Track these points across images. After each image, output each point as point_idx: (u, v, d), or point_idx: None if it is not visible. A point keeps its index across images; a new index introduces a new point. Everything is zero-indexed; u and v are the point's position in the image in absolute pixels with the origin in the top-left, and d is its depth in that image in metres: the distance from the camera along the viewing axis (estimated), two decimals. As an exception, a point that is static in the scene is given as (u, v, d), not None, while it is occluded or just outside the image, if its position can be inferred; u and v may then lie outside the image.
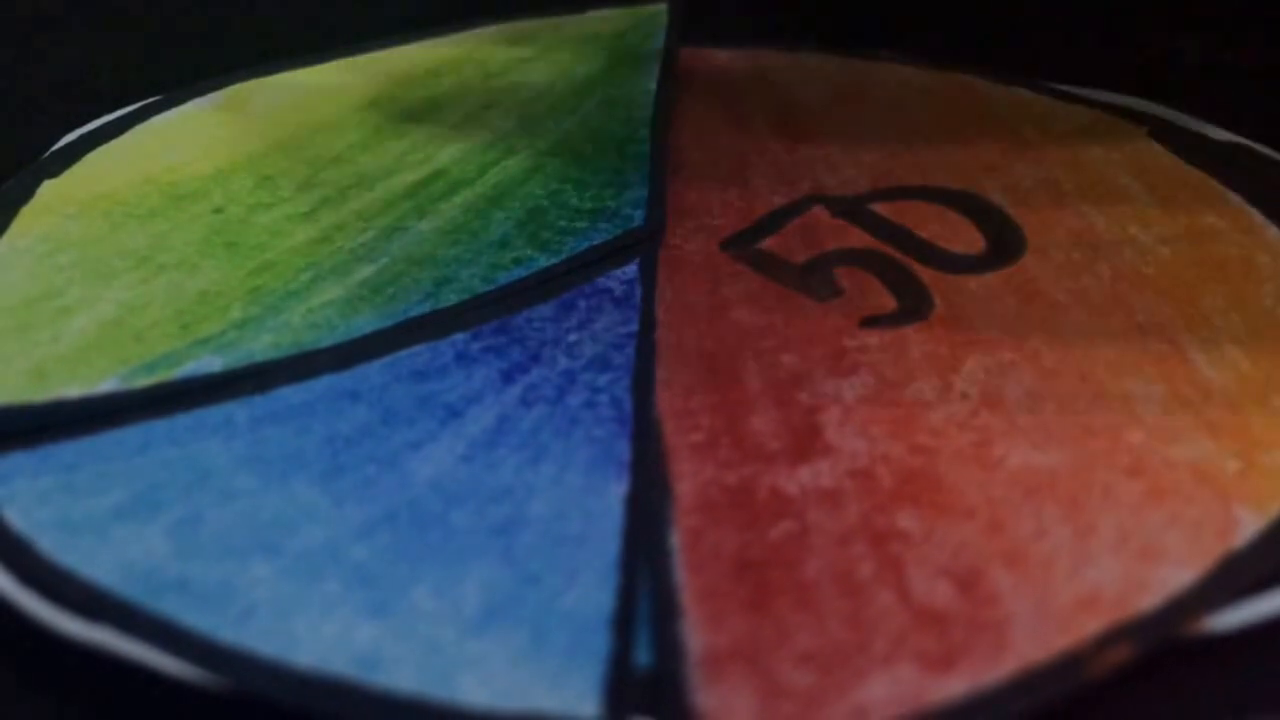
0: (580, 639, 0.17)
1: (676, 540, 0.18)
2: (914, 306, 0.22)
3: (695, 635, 0.17)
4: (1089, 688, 0.16)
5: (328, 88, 0.27)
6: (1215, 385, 0.20)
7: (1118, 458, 0.19)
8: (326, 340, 0.21)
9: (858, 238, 0.23)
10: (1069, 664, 0.17)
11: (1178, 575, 0.18)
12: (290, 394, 0.20)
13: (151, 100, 0.27)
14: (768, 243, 0.23)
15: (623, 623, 0.17)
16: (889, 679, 0.16)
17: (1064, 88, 0.27)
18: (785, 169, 0.25)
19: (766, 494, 0.19)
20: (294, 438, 0.20)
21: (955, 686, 0.16)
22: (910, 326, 0.22)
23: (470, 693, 0.17)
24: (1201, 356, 0.21)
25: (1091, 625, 0.17)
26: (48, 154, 0.26)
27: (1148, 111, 0.26)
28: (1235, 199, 0.24)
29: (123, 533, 0.18)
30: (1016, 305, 0.22)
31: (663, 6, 0.30)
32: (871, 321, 0.22)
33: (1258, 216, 0.23)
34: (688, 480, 0.19)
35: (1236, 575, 0.18)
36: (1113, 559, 0.18)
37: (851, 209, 0.24)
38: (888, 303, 0.22)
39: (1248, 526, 0.18)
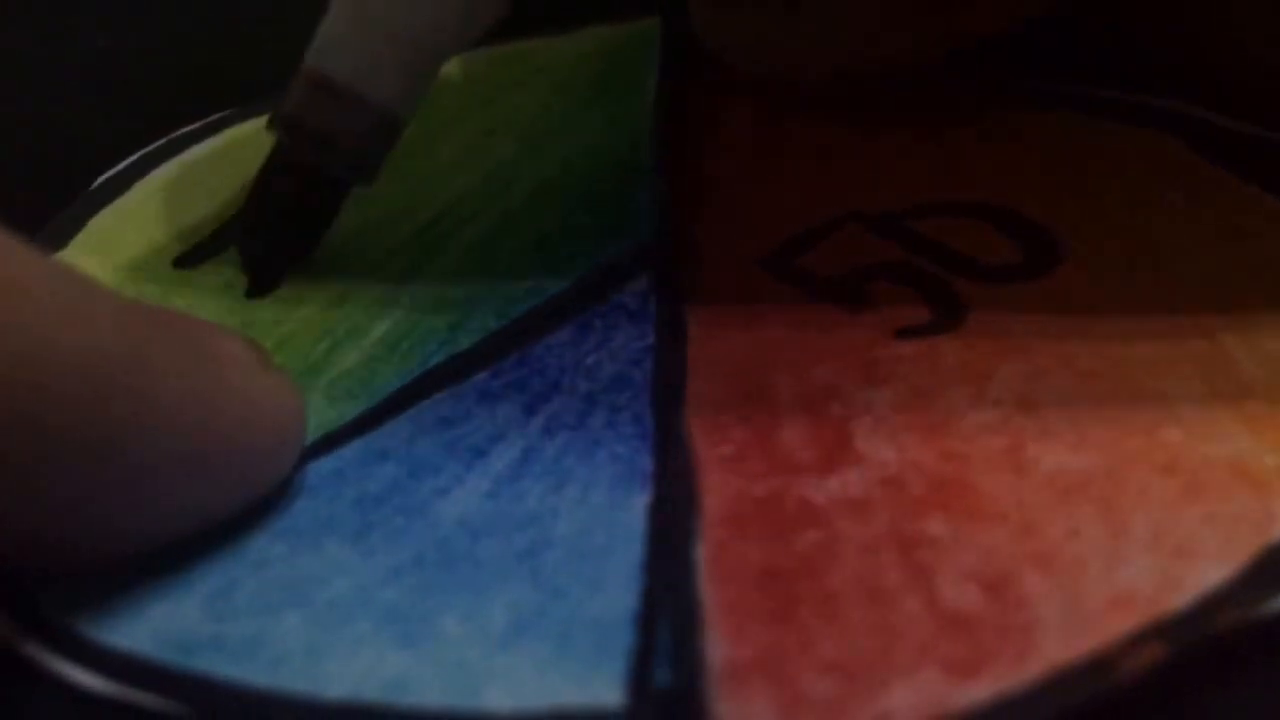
0: (604, 638, 0.17)
1: (701, 554, 0.18)
2: (948, 317, 0.22)
3: (718, 648, 0.17)
4: (1120, 689, 0.16)
5: None
6: (1256, 380, 0.20)
7: (1154, 456, 0.19)
8: (350, 413, 0.21)
9: (893, 252, 0.23)
10: (1098, 665, 0.16)
11: (1212, 572, 0.17)
12: (320, 465, 0.20)
13: (151, 149, 0.27)
14: (802, 258, 0.23)
15: (646, 619, 0.17)
16: (913, 686, 0.16)
17: (1100, 91, 0.26)
18: (820, 185, 0.25)
19: (794, 504, 0.19)
20: (325, 505, 0.19)
21: (980, 691, 0.16)
22: (944, 336, 0.21)
23: (497, 701, 0.17)
24: (1242, 352, 0.20)
25: (1122, 625, 0.17)
26: (53, 221, 0.25)
27: (1182, 111, 0.25)
28: (1271, 200, 0.23)
29: (160, 611, 0.18)
30: (1053, 312, 0.21)
31: (657, 19, 0.29)
32: (906, 332, 0.21)
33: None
34: (715, 493, 0.19)
35: (1274, 570, 0.17)
36: (1146, 558, 0.17)
37: (888, 225, 0.24)
38: (922, 314, 0.22)
39: (1287, 521, 0.18)
